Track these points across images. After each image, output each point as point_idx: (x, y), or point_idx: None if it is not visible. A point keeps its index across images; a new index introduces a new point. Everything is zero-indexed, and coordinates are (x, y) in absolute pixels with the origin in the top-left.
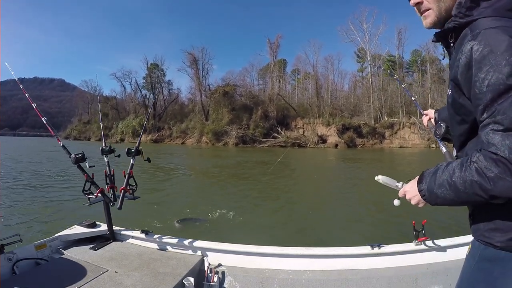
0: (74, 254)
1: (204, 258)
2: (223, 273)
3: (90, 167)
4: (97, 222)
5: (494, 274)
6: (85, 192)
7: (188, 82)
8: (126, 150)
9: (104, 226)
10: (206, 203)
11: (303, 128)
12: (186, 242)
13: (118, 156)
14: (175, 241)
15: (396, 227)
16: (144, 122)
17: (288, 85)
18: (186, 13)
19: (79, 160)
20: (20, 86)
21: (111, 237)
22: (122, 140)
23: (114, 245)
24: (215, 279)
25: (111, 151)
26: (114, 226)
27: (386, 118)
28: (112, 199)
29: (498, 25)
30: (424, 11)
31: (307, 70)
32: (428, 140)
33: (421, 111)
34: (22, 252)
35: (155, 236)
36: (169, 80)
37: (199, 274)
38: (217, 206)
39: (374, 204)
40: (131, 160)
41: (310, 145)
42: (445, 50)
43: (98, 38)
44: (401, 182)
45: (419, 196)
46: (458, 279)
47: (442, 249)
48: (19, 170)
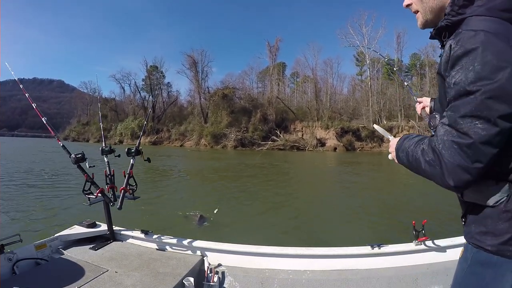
0: (74, 254)
1: (204, 258)
2: (223, 273)
3: (90, 167)
4: (97, 222)
5: (486, 279)
6: (85, 192)
7: (187, 84)
8: (126, 150)
9: (104, 226)
10: (206, 203)
11: (302, 131)
12: (186, 242)
13: (118, 156)
14: (175, 241)
15: (395, 227)
16: (144, 122)
17: (287, 88)
18: (185, 13)
19: (79, 160)
20: (20, 86)
21: (111, 237)
22: (121, 142)
23: (114, 245)
24: (215, 279)
25: (111, 151)
26: (114, 226)
27: (385, 122)
28: (112, 199)
29: (480, 28)
30: (415, 13)
31: (306, 73)
32: None
33: (415, 99)
34: (22, 252)
35: (155, 236)
36: (168, 82)
37: (199, 274)
38: (216, 206)
39: (374, 204)
40: (131, 160)
41: (309, 148)
42: (441, 48)
43: (97, 39)
44: (392, 136)
45: (394, 152)
46: (452, 282)
47: (442, 249)
48: (19, 170)
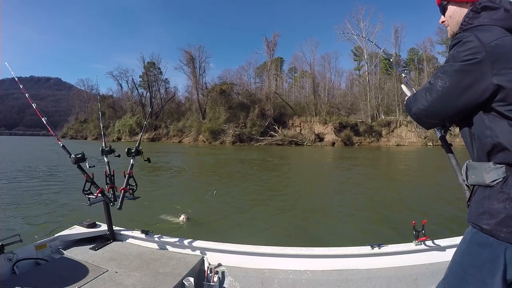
0: (74, 254)
1: (204, 258)
2: (223, 273)
3: (90, 167)
4: (97, 222)
5: (482, 259)
6: (85, 192)
7: (184, 80)
8: (126, 150)
9: (104, 226)
10: (205, 202)
11: (300, 126)
12: (186, 242)
13: (118, 156)
14: (175, 241)
15: (395, 227)
16: (144, 122)
17: (285, 83)
18: (181, 9)
19: (79, 160)
20: (20, 86)
21: (111, 237)
22: (119, 139)
23: (114, 245)
24: (215, 279)
25: (111, 151)
26: (114, 226)
27: (383, 117)
28: (112, 199)
29: (470, 39)
30: (446, 27)
31: (304, 68)
32: (425, 138)
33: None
34: (22, 252)
35: (155, 236)
36: (166, 78)
37: (199, 274)
38: (216, 205)
39: (373, 204)
40: (131, 160)
41: (307, 143)
42: None
43: (93, 36)
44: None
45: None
46: (450, 262)
47: (442, 249)
48: (19, 169)
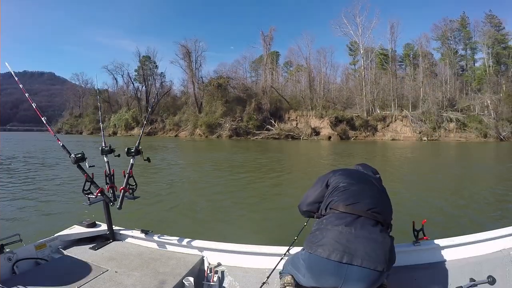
0: (74, 254)
1: (204, 258)
2: (223, 272)
3: (90, 167)
4: (97, 222)
5: None
6: (85, 192)
7: (179, 73)
8: (126, 150)
9: (104, 226)
10: (205, 202)
11: (296, 120)
12: (186, 242)
13: (118, 156)
14: (175, 240)
15: (395, 227)
16: (144, 122)
17: (280, 77)
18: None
19: (79, 160)
20: (20, 86)
21: (111, 237)
22: (115, 133)
23: (114, 245)
24: (215, 279)
25: (111, 151)
26: (114, 226)
27: (379, 111)
28: (112, 199)
29: None
30: None
31: (300, 62)
32: (419, 133)
33: None
34: (22, 252)
35: (155, 235)
36: (161, 72)
37: (199, 273)
38: (216, 204)
39: None
40: (131, 160)
41: (303, 137)
42: None
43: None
44: None
45: None
46: None
47: (442, 249)
48: (18, 169)
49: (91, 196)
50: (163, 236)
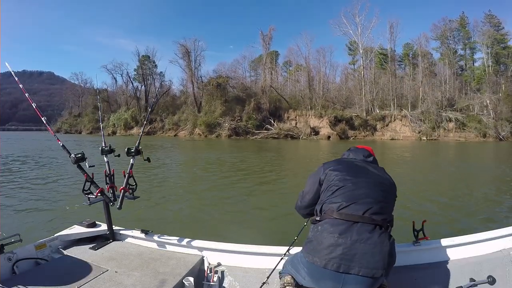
0: (74, 254)
1: (204, 258)
2: (223, 272)
3: (90, 167)
4: (97, 222)
5: None
6: (85, 192)
7: (179, 73)
8: (126, 150)
9: (104, 226)
10: (205, 202)
11: (296, 120)
12: (186, 242)
13: (118, 156)
14: (175, 240)
15: (394, 227)
16: (144, 122)
17: (280, 77)
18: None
19: (79, 160)
20: (20, 86)
21: (111, 236)
22: (114, 133)
23: (114, 245)
24: (215, 279)
25: (111, 151)
26: (114, 226)
27: (378, 111)
28: (112, 199)
29: None
30: None
31: (299, 62)
32: (419, 132)
33: None
34: (22, 252)
35: (155, 235)
36: (161, 72)
37: (199, 273)
38: (216, 204)
39: None
40: (131, 160)
41: (302, 136)
42: None
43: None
44: None
45: None
46: None
47: (442, 249)
48: (17, 168)
49: (91, 196)
50: (163, 236)
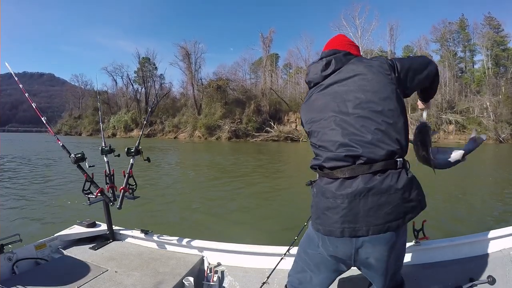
0: (74, 253)
1: (204, 258)
2: (223, 272)
3: (90, 167)
4: (97, 222)
5: None
6: (84, 191)
7: (179, 75)
8: (126, 150)
9: (104, 226)
10: (205, 202)
11: (296, 122)
12: (185, 242)
13: (118, 155)
14: (175, 240)
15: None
16: (144, 122)
17: (280, 79)
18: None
19: (79, 160)
20: (20, 86)
21: (111, 236)
22: (114, 135)
23: (114, 244)
24: (215, 279)
25: (111, 151)
26: (114, 226)
27: None
28: (111, 199)
29: None
30: None
31: (299, 64)
32: None
33: None
34: (22, 252)
35: (155, 235)
36: (161, 74)
37: (199, 273)
38: (216, 204)
39: None
40: (131, 160)
41: (302, 139)
42: None
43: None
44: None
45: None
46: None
47: (442, 249)
48: (17, 168)
49: (91, 196)
50: (163, 236)
